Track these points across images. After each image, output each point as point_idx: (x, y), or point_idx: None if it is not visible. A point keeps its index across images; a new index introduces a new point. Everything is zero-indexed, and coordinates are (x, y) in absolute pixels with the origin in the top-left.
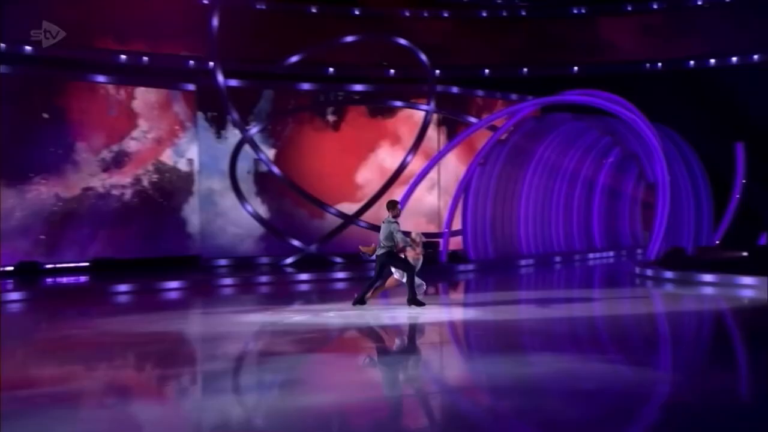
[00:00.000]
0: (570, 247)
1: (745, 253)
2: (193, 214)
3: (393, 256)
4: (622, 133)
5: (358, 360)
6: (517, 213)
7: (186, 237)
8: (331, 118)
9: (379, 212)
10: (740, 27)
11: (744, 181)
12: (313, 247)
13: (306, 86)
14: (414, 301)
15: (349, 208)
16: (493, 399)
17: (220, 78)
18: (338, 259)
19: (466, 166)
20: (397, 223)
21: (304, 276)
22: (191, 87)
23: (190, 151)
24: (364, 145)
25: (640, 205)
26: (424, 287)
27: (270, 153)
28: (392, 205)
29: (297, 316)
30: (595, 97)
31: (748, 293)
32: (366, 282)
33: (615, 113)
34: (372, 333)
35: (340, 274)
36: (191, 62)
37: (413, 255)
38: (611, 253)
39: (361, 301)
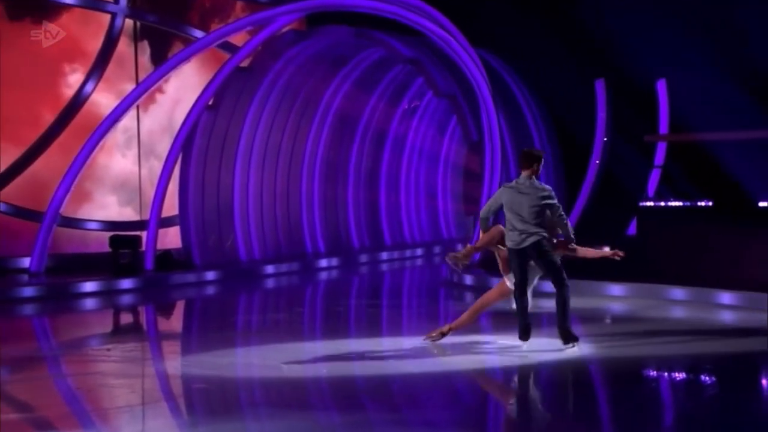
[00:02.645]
0: (359, 240)
1: (606, 249)
2: None
3: (547, 251)
4: (431, 62)
5: None
6: (272, 187)
7: None
8: None
9: (41, 187)
10: None
11: (606, 138)
12: None
13: None
14: (569, 333)
15: None
16: None
17: None
18: None
19: (187, 110)
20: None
21: None
22: None
23: None
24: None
25: (461, 177)
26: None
27: None
28: (534, 158)
29: None
30: (386, 2)
31: (614, 308)
32: (518, 309)
33: (418, 29)
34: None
35: None
36: None
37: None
38: (419, 251)
39: (526, 333)
